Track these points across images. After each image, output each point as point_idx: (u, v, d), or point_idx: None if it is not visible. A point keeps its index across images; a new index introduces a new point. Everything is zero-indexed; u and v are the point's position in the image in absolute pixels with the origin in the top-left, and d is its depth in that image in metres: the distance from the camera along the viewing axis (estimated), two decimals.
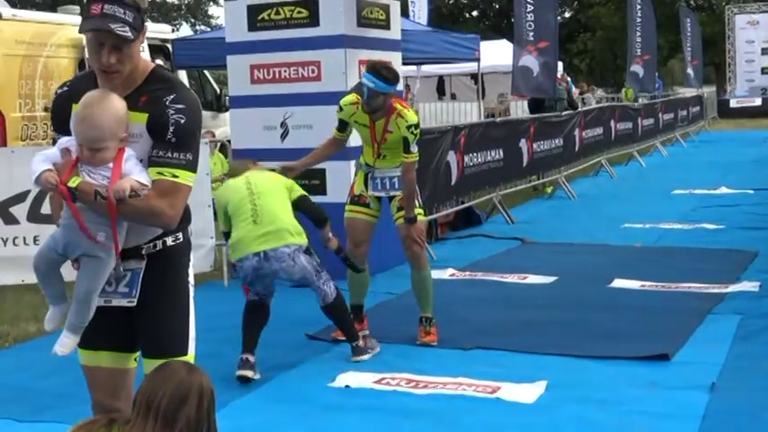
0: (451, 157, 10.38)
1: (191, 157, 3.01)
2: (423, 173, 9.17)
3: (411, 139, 6.05)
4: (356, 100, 6.19)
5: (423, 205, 6.48)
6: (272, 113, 8.44)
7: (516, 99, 21.14)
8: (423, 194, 8.51)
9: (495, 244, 10.14)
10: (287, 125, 8.46)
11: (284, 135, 8.47)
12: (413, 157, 6.09)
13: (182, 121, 2.98)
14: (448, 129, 10.60)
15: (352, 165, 6.77)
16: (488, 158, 11.62)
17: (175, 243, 3.16)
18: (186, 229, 3.21)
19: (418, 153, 6.17)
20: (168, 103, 2.99)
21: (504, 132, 12.33)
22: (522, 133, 13.02)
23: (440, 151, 9.99)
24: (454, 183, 10.53)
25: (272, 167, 6.19)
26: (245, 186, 5.72)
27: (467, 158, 10.87)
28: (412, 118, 6.10)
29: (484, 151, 11.46)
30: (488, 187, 11.91)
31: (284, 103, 8.42)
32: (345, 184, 6.81)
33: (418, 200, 6.28)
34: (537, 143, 13.47)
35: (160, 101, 2.99)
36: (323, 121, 7.80)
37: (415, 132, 6.06)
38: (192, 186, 3.05)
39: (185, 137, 2.99)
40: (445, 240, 10.55)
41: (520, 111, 21.89)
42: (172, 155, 2.98)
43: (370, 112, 6.08)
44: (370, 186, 6.33)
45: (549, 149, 14.07)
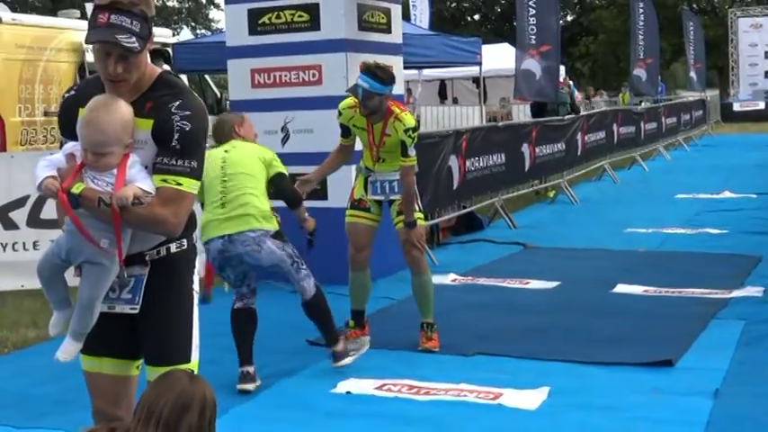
0: (453, 161, 10.38)
1: (195, 165, 3.00)
2: (424, 177, 9.17)
3: (409, 143, 6.05)
4: (354, 103, 6.19)
5: (423, 209, 6.48)
6: (272, 118, 8.44)
7: (518, 103, 21.13)
8: (424, 199, 8.52)
9: (497, 249, 10.13)
10: (288, 129, 8.47)
11: (285, 139, 8.48)
12: (411, 161, 6.09)
13: (187, 128, 2.96)
14: (449, 133, 10.60)
15: (353, 169, 6.77)
16: (490, 163, 11.61)
17: (179, 250, 3.15)
18: (191, 236, 3.20)
19: (416, 157, 6.17)
20: (174, 110, 2.97)
21: (507, 137, 12.33)
22: (525, 137, 13.02)
23: (441, 155, 9.99)
24: (456, 187, 10.52)
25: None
26: (219, 165, 5.60)
27: (468, 163, 10.87)
28: (409, 121, 6.10)
29: (486, 155, 11.46)
30: (490, 192, 11.91)
31: (285, 107, 8.43)
32: (346, 189, 6.81)
33: (418, 204, 6.28)
34: (539, 147, 13.47)
35: (165, 107, 2.98)
36: (324, 126, 7.81)
37: (413, 136, 6.06)
38: (196, 194, 3.05)
39: (190, 144, 2.98)
40: (447, 245, 10.55)
41: (522, 115, 21.88)
42: (176, 162, 2.96)
43: (368, 114, 6.08)
44: (369, 190, 6.33)
45: (551, 154, 14.06)
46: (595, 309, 7.25)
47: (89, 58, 12.92)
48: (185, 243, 3.16)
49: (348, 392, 5.39)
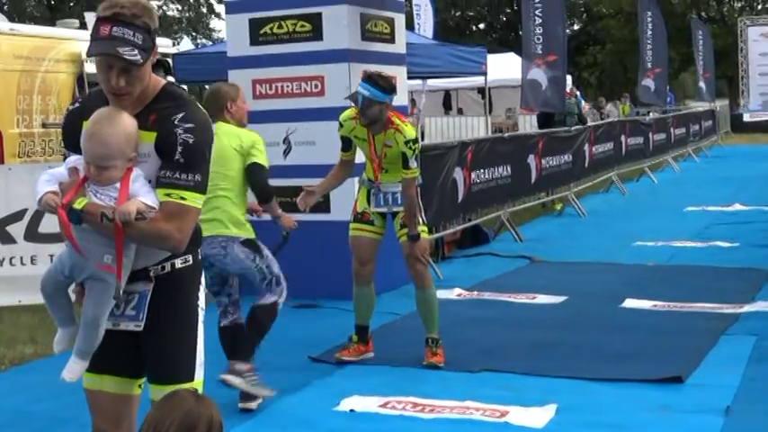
0: (458, 173, 10.39)
1: (199, 178, 3.00)
2: (429, 190, 9.17)
3: (409, 155, 6.06)
4: (355, 114, 6.21)
5: (426, 222, 6.48)
6: (274, 129, 8.45)
7: (525, 113, 21.15)
8: (429, 212, 8.52)
9: (503, 263, 10.13)
10: (290, 141, 8.48)
11: (287, 151, 8.49)
12: (412, 173, 6.10)
13: (190, 141, 2.96)
14: (454, 144, 10.61)
15: (356, 182, 6.78)
16: (496, 175, 11.62)
17: (184, 265, 3.14)
18: (196, 251, 3.19)
19: (418, 169, 6.17)
20: (177, 122, 2.97)
21: (512, 148, 12.34)
22: (531, 149, 13.03)
23: (446, 167, 10.00)
24: (461, 200, 10.53)
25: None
26: None
27: (474, 175, 10.87)
28: (410, 133, 6.11)
29: (491, 167, 11.47)
30: (496, 204, 11.91)
31: (287, 118, 8.44)
32: (349, 202, 6.81)
33: (422, 216, 6.28)
34: (546, 159, 13.48)
35: (169, 119, 2.97)
36: (326, 138, 7.81)
37: (413, 147, 6.07)
38: (201, 208, 3.04)
39: (194, 157, 2.98)
40: (452, 259, 10.55)
41: (528, 125, 21.91)
42: (180, 176, 2.96)
43: (367, 124, 6.09)
44: (372, 202, 6.34)
45: (558, 165, 14.07)
46: (603, 324, 7.24)
47: (88, 68, 12.97)
48: (190, 258, 3.16)
49: (351, 410, 5.38)
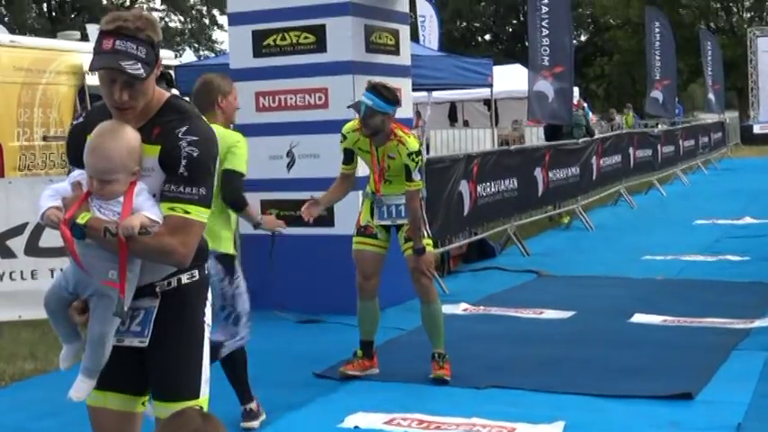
0: (464, 186, 10.39)
1: (204, 192, 3.00)
2: (434, 203, 9.18)
3: (412, 167, 6.07)
4: (358, 126, 6.22)
5: (431, 236, 6.48)
6: (277, 142, 8.47)
7: (532, 125, 21.17)
8: (434, 225, 8.52)
9: (509, 277, 10.13)
10: (293, 154, 8.49)
11: (290, 165, 8.50)
12: (416, 185, 6.11)
13: (194, 154, 2.96)
14: (460, 157, 10.62)
15: (361, 195, 6.79)
16: (502, 188, 11.63)
17: (191, 281, 3.14)
18: (202, 266, 3.19)
19: (422, 181, 6.18)
20: (181, 135, 2.97)
21: (519, 161, 12.34)
22: (537, 161, 13.04)
23: (452, 180, 10.01)
24: (467, 213, 10.53)
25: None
26: None
27: (480, 188, 10.88)
28: (412, 145, 6.12)
29: (498, 180, 11.47)
30: (502, 218, 11.91)
31: (290, 131, 8.46)
32: (354, 215, 6.81)
33: (426, 230, 6.28)
34: (553, 172, 13.48)
35: (173, 133, 2.98)
36: (330, 151, 7.81)
37: (416, 159, 6.08)
38: (206, 222, 3.04)
39: (198, 170, 2.98)
40: (458, 273, 10.54)
41: (535, 138, 21.93)
42: (184, 189, 2.96)
43: (370, 134, 6.11)
44: (375, 215, 6.34)
45: (565, 178, 14.07)
46: (612, 339, 7.23)
47: (89, 80, 13.01)
48: (197, 274, 3.16)
49: (356, 427, 5.38)
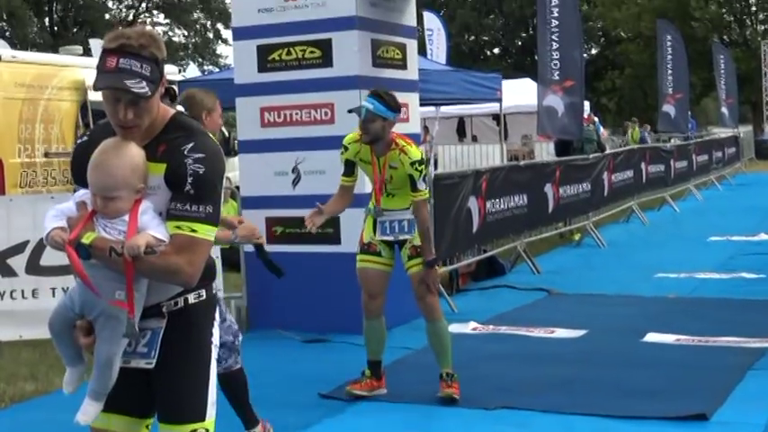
0: (473, 202, 10.39)
1: (211, 210, 2.99)
2: (442, 220, 9.18)
3: (417, 176, 6.07)
4: (359, 137, 6.23)
5: (435, 253, 6.46)
6: (283, 158, 8.48)
7: (541, 140, 21.17)
8: (442, 243, 8.52)
9: (519, 295, 10.11)
10: (299, 170, 8.49)
11: (296, 181, 8.51)
12: (422, 195, 6.10)
13: (200, 172, 2.96)
14: (469, 173, 10.62)
15: (364, 212, 6.78)
16: (512, 204, 11.62)
17: (198, 301, 3.14)
18: (210, 285, 3.19)
19: (428, 190, 6.16)
20: (187, 153, 2.97)
21: (529, 176, 12.34)
22: (548, 177, 13.03)
23: (460, 197, 10.00)
24: (476, 230, 10.52)
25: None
26: None
27: (489, 204, 10.87)
28: (415, 154, 6.12)
29: (507, 197, 11.47)
30: (512, 235, 11.90)
31: (296, 147, 8.47)
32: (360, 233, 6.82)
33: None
34: (563, 188, 13.47)
35: (178, 150, 2.98)
36: (336, 167, 7.77)
37: (420, 169, 6.08)
38: (213, 241, 3.03)
39: (204, 188, 2.97)
40: (467, 292, 10.53)
41: (545, 153, 21.91)
42: (190, 207, 2.96)
43: (369, 141, 6.11)
44: (378, 231, 6.32)
45: (576, 194, 14.06)
46: (624, 359, 7.21)
47: (92, 96, 13.05)
48: (204, 293, 3.16)
49: None
